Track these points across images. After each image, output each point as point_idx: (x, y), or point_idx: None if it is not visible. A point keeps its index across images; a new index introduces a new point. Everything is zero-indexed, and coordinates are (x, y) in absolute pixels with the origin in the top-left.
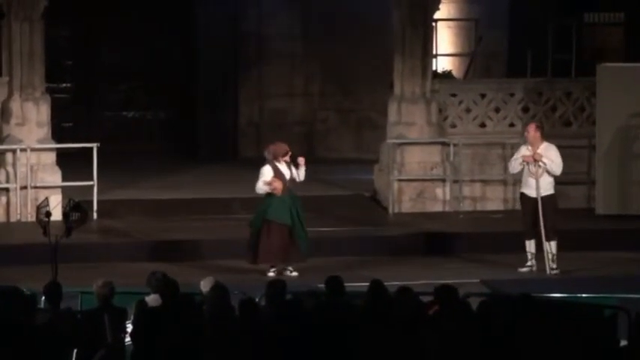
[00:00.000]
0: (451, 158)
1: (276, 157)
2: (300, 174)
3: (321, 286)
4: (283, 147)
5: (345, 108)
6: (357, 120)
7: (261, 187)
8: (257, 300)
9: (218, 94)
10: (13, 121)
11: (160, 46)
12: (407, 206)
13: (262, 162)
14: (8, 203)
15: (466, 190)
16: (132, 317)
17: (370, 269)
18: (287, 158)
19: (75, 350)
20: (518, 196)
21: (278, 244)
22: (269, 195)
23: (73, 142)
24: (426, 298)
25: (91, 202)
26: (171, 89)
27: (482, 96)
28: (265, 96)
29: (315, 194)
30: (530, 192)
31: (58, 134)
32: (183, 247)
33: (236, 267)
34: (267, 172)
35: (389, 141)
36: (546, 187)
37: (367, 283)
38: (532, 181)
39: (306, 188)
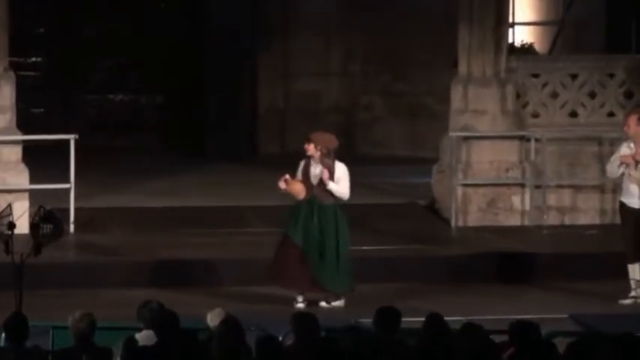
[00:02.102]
0: (532, 157)
1: (329, 152)
2: (333, 186)
3: (366, 321)
4: (332, 139)
5: (394, 92)
6: (409, 107)
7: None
8: (280, 338)
9: (232, 72)
10: None
11: (158, 11)
12: (474, 218)
13: (286, 160)
14: None
15: (551, 199)
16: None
17: (427, 299)
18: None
19: None
20: (617, 206)
21: (291, 267)
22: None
23: (44, 133)
24: (498, 338)
25: (67, 210)
26: (171, 66)
27: (573, 77)
28: (292, 76)
29: (356, 202)
30: (632, 202)
31: (25, 123)
32: (184, 270)
33: (253, 295)
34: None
35: (452, 134)
36: None
37: (423, 318)
38: (634, 189)
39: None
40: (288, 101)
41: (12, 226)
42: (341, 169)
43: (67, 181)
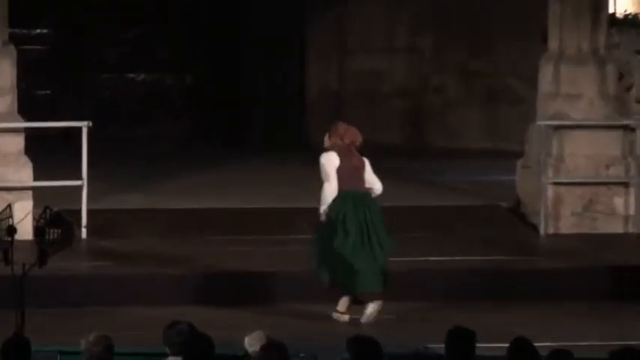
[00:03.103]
0: (638, 151)
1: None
2: None
3: (436, 346)
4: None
5: (471, 71)
6: (489, 90)
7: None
8: None
9: (275, 47)
10: None
11: None
12: (568, 224)
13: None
14: None
15: None
16: None
17: (511, 321)
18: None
19: None
20: None
21: None
22: None
23: (51, 119)
24: None
25: (78, 212)
26: (203, 40)
27: None
28: (348, 52)
29: (424, 204)
30: None
31: (28, 107)
32: (220, 284)
33: (302, 314)
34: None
35: (540, 123)
36: None
37: (507, 344)
38: None
39: (412, 196)
40: (343, 82)
41: (12, 230)
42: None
43: (79, 177)
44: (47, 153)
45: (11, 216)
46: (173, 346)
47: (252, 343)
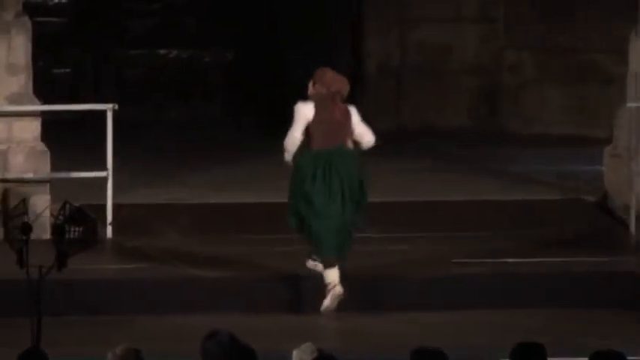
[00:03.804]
0: None
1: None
2: None
3: None
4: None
5: (552, 46)
6: (574, 67)
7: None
8: None
9: (328, 18)
10: None
11: None
12: None
13: (402, 138)
14: None
15: None
16: None
17: (595, 333)
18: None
19: None
20: None
21: None
22: None
23: (71, 101)
24: None
25: (103, 207)
26: (244, 11)
27: None
28: (411, 23)
29: (499, 198)
30: None
31: (45, 87)
32: (263, 289)
33: (357, 324)
34: None
35: (631, 105)
36: None
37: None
38: None
39: (483, 188)
40: (405, 58)
41: (27, 228)
42: None
43: (103, 167)
44: (67, 140)
45: (26, 212)
46: (212, 358)
47: (301, 356)
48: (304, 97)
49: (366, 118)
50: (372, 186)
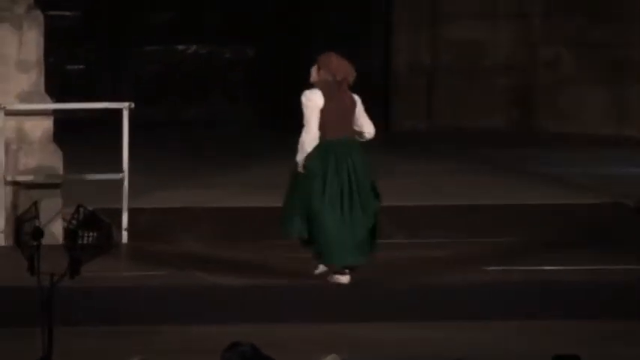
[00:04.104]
0: None
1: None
2: None
3: None
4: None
5: (591, 42)
6: (612, 64)
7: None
8: None
9: (355, 14)
10: None
11: None
12: None
13: (433, 140)
14: None
15: None
16: None
17: (637, 344)
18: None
19: None
20: None
21: None
22: None
23: (85, 99)
24: None
25: (118, 211)
26: (268, 5)
27: None
28: (443, 19)
29: (532, 202)
30: None
31: (58, 85)
32: (288, 297)
33: (387, 331)
34: None
35: None
36: None
37: None
38: None
39: (518, 191)
40: (437, 56)
41: (39, 233)
42: None
43: (118, 169)
44: (80, 140)
45: (37, 216)
46: None
47: None
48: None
49: (396, 120)
50: (402, 189)
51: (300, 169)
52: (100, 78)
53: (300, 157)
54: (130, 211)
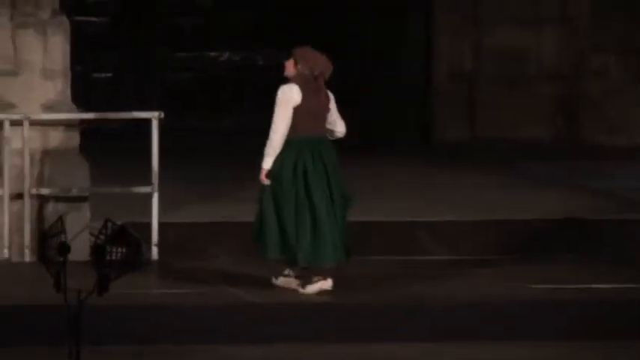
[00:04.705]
0: None
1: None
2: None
3: None
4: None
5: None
6: None
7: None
8: None
9: (394, 18)
10: None
11: None
12: None
13: (475, 151)
14: None
15: None
16: None
17: None
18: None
19: None
20: None
21: None
22: None
23: (112, 109)
24: None
25: (147, 226)
26: (302, 7)
27: None
28: (485, 24)
29: (580, 216)
30: None
31: (84, 93)
32: (321, 316)
33: (431, 355)
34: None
35: None
36: None
37: None
38: None
39: (563, 205)
40: (479, 63)
41: (65, 249)
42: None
43: (147, 182)
44: (108, 151)
45: (64, 231)
46: None
47: None
48: (368, 104)
49: (436, 130)
50: (442, 202)
51: (264, 179)
52: (127, 86)
53: (267, 164)
54: (160, 226)
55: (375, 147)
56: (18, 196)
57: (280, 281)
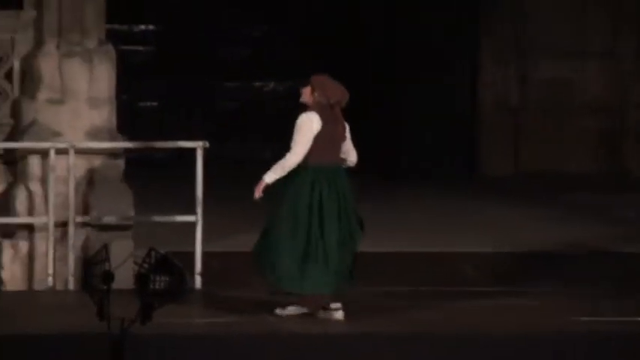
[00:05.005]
0: None
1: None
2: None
3: None
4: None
5: None
6: None
7: None
8: None
9: (438, 49)
10: (43, 94)
11: None
12: None
13: (521, 185)
14: (32, 253)
15: None
16: None
17: None
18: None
19: None
20: None
21: None
22: None
23: (158, 137)
24: None
25: (191, 255)
26: (349, 38)
27: None
28: (531, 56)
29: (625, 250)
30: None
31: (129, 122)
32: (366, 348)
33: None
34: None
35: None
36: None
37: None
38: None
39: (607, 239)
40: (525, 96)
41: (109, 277)
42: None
43: (191, 211)
44: (153, 180)
45: (107, 259)
46: None
47: None
48: (413, 135)
49: (482, 162)
50: (489, 234)
51: (258, 193)
52: (173, 116)
53: (270, 178)
54: (204, 255)
55: (421, 177)
56: (62, 224)
57: (289, 310)
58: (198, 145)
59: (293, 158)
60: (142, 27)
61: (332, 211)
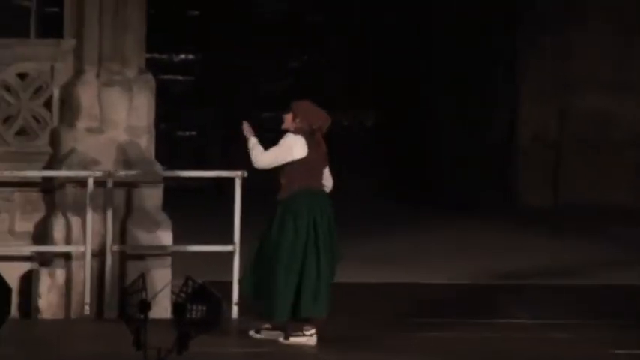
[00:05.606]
0: None
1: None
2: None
3: None
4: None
5: None
6: None
7: None
8: None
9: (477, 80)
10: (83, 123)
11: None
12: None
13: (560, 217)
14: (69, 281)
15: None
16: None
17: None
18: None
19: None
20: None
21: None
22: None
23: (196, 167)
24: None
25: (229, 284)
26: (386, 70)
27: None
28: (572, 88)
29: None
30: None
31: (169, 152)
32: None
33: None
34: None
35: None
36: None
37: None
38: None
39: (633, 269)
40: (564, 127)
41: (146, 306)
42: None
43: (229, 240)
44: (191, 209)
45: (145, 288)
46: None
47: None
48: (453, 166)
49: (521, 194)
50: (527, 266)
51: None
52: (212, 145)
53: (251, 142)
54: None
55: (459, 207)
56: (100, 253)
57: (263, 334)
58: (237, 175)
59: (259, 162)
60: (182, 56)
61: (324, 242)
